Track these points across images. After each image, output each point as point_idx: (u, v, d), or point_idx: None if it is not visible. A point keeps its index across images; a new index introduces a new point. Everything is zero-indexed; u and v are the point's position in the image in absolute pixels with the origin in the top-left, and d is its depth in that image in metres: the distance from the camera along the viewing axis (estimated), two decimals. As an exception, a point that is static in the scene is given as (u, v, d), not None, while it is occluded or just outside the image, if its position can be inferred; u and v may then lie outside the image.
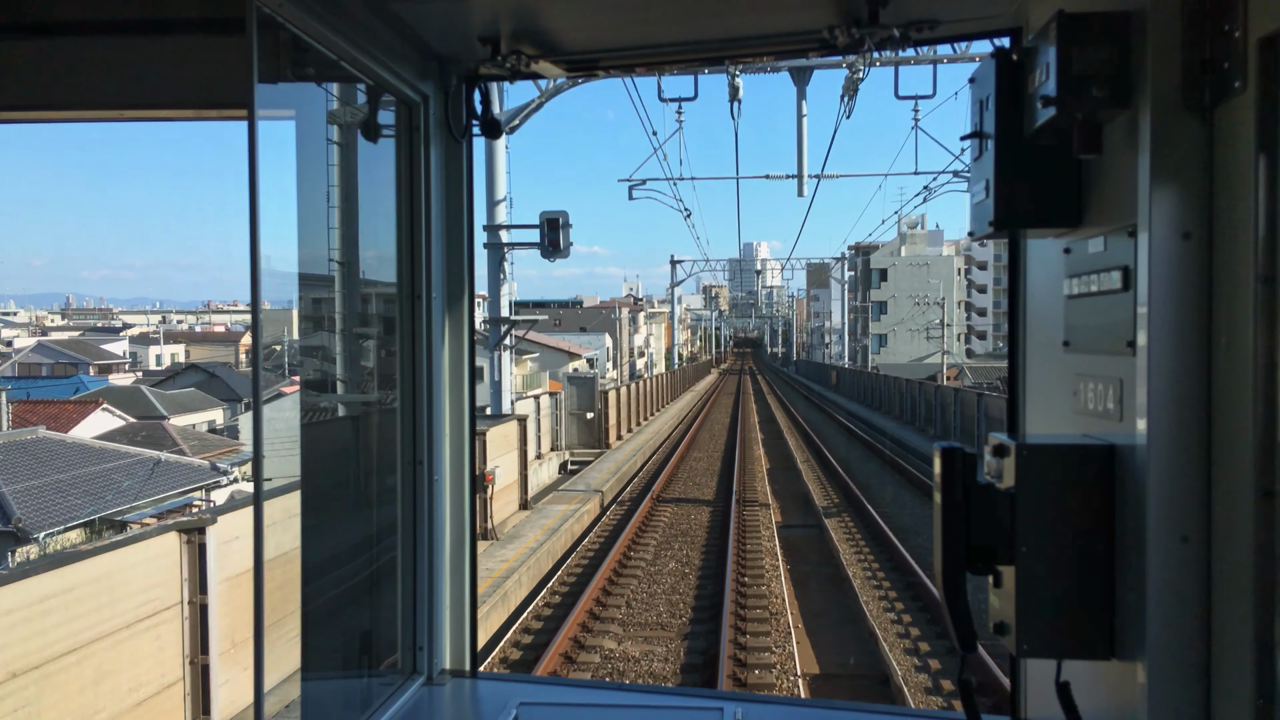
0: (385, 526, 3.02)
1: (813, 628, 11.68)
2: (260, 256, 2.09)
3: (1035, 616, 1.81)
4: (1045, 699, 2.07)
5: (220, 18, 2.62)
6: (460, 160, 3.08)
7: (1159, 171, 1.63)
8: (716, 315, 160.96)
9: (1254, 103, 1.48)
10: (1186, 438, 1.62)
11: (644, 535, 16.59)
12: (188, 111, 3.02)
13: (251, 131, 2.07)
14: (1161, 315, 1.63)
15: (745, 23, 2.74)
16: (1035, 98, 1.83)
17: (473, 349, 3.17)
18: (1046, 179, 1.97)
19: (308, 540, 2.67)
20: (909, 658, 10.42)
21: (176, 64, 2.85)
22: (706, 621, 11.60)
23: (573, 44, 2.84)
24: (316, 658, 2.82)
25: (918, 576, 13.22)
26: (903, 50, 2.59)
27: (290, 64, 2.41)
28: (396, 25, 2.69)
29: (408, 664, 3.05)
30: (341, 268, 3.04)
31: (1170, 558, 1.62)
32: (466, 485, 3.13)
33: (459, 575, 3.12)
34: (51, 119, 3.18)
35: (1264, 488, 1.48)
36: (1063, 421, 2.07)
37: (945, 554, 1.90)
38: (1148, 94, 1.65)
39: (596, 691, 3.91)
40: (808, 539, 16.69)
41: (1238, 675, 1.53)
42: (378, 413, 3.14)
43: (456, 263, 3.09)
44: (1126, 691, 1.71)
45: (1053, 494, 1.80)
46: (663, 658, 10.46)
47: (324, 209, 2.89)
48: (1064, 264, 2.04)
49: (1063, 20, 1.72)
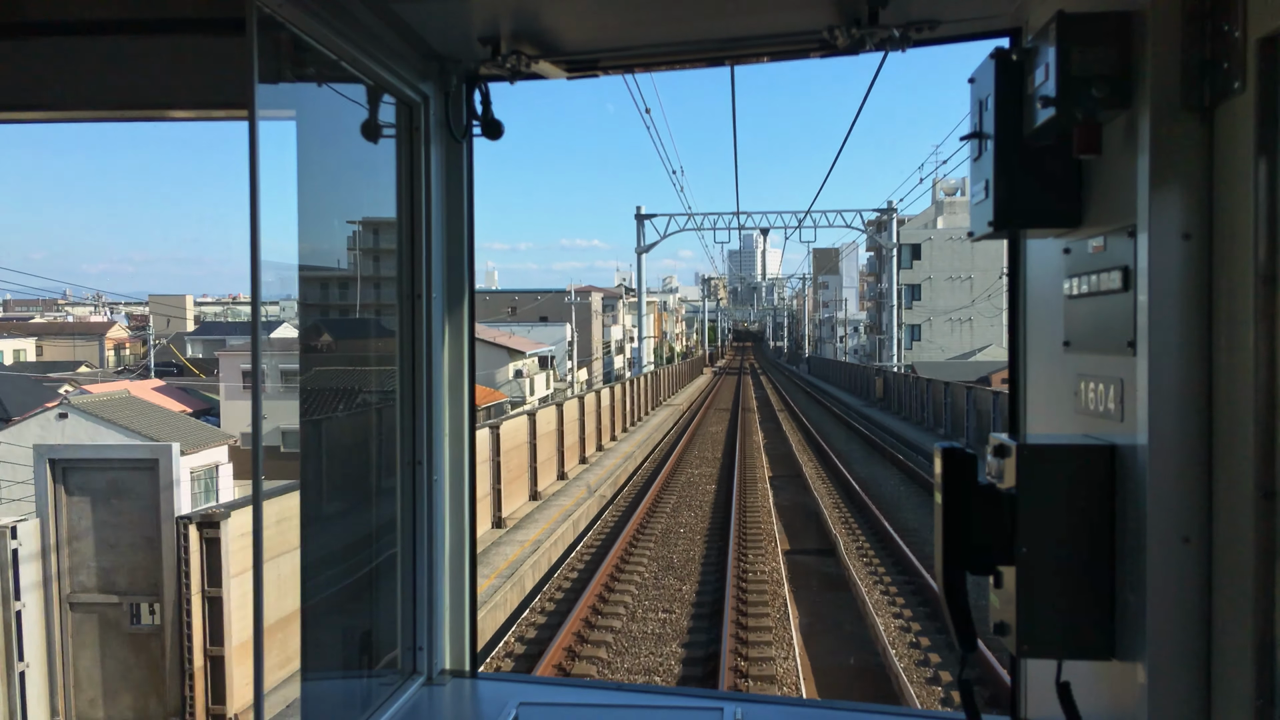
0: (385, 526, 3.02)
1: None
2: (260, 256, 2.09)
3: (1035, 616, 1.81)
4: (1045, 699, 2.07)
5: (220, 18, 2.62)
6: (460, 160, 3.08)
7: (1159, 171, 1.63)
8: (713, 306, 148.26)
9: (1254, 103, 1.48)
10: (1187, 438, 1.62)
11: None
12: (188, 111, 3.02)
13: (252, 131, 2.08)
14: (1161, 315, 1.63)
15: (745, 23, 2.74)
16: (1035, 98, 1.83)
17: (473, 349, 3.17)
18: (1046, 179, 1.97)
19: (307, 540, 2.67)
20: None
21: (176, 64, 2.85)
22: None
23: (573, 44, 2.84)
24: (316, 658, 2.82)
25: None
26: (903, 51, 2.59)
27: (290, 64, 2.41)
28: (397, 25, 2.69)
29: (407, 664, 3.05)
30: (341, 268, 3.04)
31: (1170, 558, 1.62)
32: (466, 485, 3.13)
33: (458, 575, 3.12)
34: (52, 119, 3.18)
35: (1264, 488, 1.48)
36: (1063, 421, 2.07)
37: (946, 554, 1.90)
38: (1147, 94, 1.65)
39: (596, 691, 3.91)
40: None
41: (1238, 675, 1.53)
42: (377, 413, 3.14)
43: (456, 263, 3.09)
44: (1126, 691, 1.71)
45: (1053, 494, 1.80)
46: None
47: (324, 209, 2.89)
48: (1064, 264, 2.04)
49: (1063, 20, 1.72)
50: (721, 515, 17.97)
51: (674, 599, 12.68)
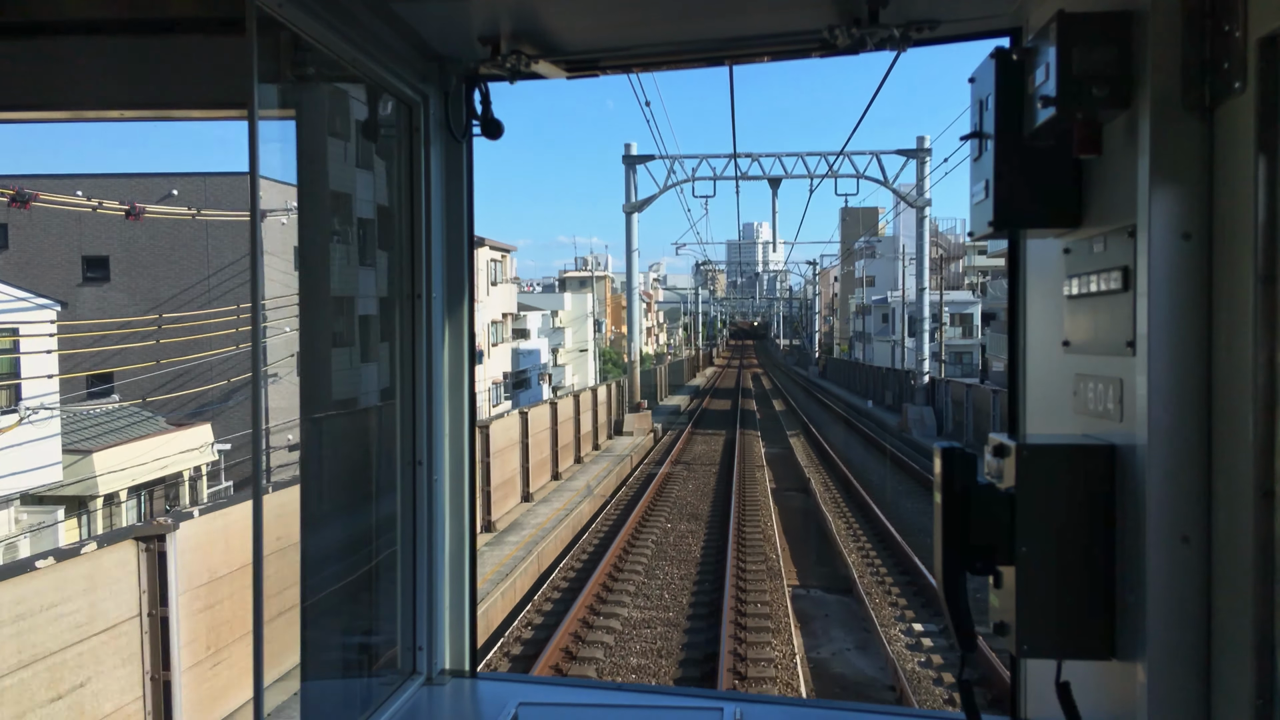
0: (385, 526, 3.02)
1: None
2: (260, 255, 2.09)
3: (1035, 616, 1.80)
4: (1045, 699, 2.07)
5: (220, 18, 2.62)
6: (460, 160, 3.07)
7: (1159, 171, 1.63)
8: (707, 295, 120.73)
9: (1254, 103, 1.48)
10: (1186, 437, 1.62)
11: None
12: (188, 111, 3.02)
13: (252, 131, 2.08)
14: (1161, 315, 1.63)
15: (745, 23, 2.74)
16: (1035, 98, 1.83)
17: (473, 349, 3.16)
18: (1046, 179, 1.97)
19: (307, 540, 2.67)
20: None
21: (176, 64, 2.84)
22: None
23: (573, 44, 2.84)
24: (316, 658, 2.82)
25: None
26: (903, 51, 2.59)
27: (290, 64, 2.41)
28: (396, 25, 2.69)
29: (407, 664, 3.05)
30: (341, 267, 3.05)
31: (1170, 558, 1.62)
32: (466, 485, 3.13)
33: (458, 575, 3.12)
34: (52, 119, 3.18)
35: (1264, 487, 1.48)
36: (1063, 421, 2.07)
37: (945, 554, 1.90)
38: (1148, 94, 1.65)
39: (596, 691, 3.91)
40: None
41: (1238, 675, 1.53)
42: (377, 413, 3.14)
43: (456, 263, 3.09)
44: (1126, 691, 1.71)
45: (1053, 494, 1.80)
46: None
47: (324, 209, 2.89)
48: (1064, 264, 2.04)
49: (1063, 20, 1.72)
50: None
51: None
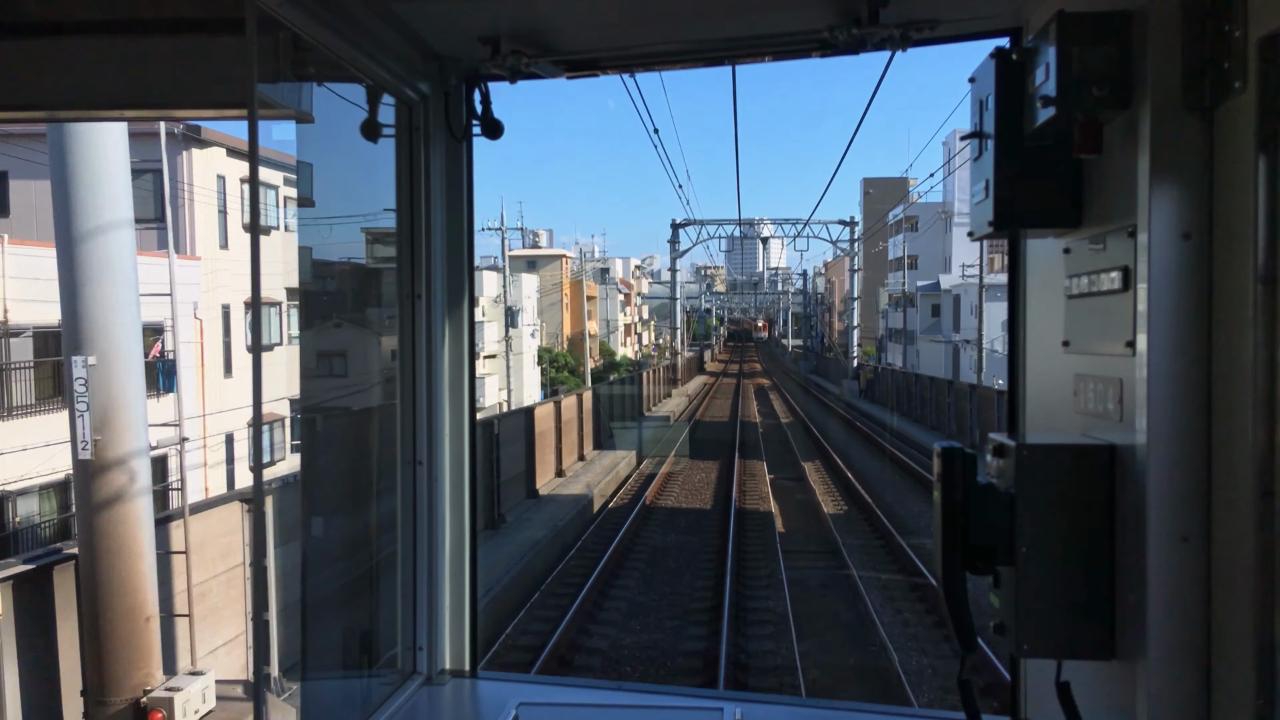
0: (385, 526, 3.02)
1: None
2: (260, 255, 2.09)
3: (1035, 616, 1.80)
4: (1045, 699, 2.07)
5: (220, 18, 2.62)
6: (460, 160, 3.07)
7: (1159, 171, 1.63)
8: (704, 288, 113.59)
9: (1254, 103, 1.48)
10: (1186, 438, 1.62)
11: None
12: (188, 111, 3.02)
13: (252, 131, 2.08)
14: (1161, 315, 1.63)
15: (745, 23, 2.74)
16: (1035, 98, 1.83)
17: (473, 349, 3.16)
18: (1046, 179, 1.97)
19: (308, 540, 2.67)
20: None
21: (176, 64, 2.84)
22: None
23: (573, 44, 2.84)
24: (316, 658, 2.82)
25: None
26: (903, 50, 2.59)
27: (290, 64, 2.41)
28: (396, 25, 2.68)
29: (407, 664, 3.05)
30: (341, 267, 3.05)
31: (1170, 558, 1.62)
32: (467, 485, 3.13)
33: (459, 575, 3.12)
34: (52, 119, 3.18)
35: (1264, 488, 1.48)
36: (1063, 421, 2.07)
37: (945, 554, 1.90)
38: (1148, 94, 1.65)
39: (596, 691, 3.91)
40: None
41: (1238, 675, 1.53)
42: (378, 413, 3.14)
43: (456, 263, 3.09)
44: (1126, 691, 1.71)
45: (1053, 494, 1.80)
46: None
47: (324, 209, 2.89)
48: (1064, 264, 2.04)
49: (1063, 20, 1.72)
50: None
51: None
